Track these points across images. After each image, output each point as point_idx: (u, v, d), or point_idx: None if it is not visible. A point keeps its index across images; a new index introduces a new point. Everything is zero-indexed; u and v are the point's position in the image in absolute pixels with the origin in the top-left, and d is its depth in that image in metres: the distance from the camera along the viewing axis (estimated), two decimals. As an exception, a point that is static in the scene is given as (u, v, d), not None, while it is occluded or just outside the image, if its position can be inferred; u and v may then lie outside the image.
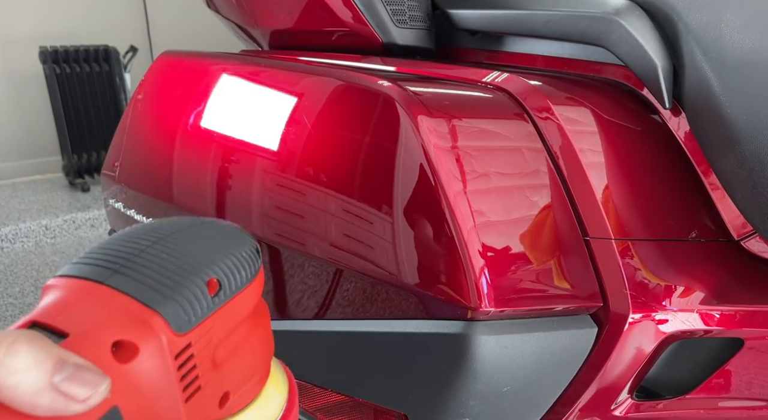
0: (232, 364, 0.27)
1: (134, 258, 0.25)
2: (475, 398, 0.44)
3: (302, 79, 0.56)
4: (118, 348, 0.23)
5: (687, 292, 0.47)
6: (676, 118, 0.54)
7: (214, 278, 0.26)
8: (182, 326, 0.24)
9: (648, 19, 0.53)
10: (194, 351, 0.24)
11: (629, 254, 0.46)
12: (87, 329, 0.22)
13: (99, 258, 0.25)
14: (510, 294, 0.43)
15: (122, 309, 0.23)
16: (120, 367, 0.22)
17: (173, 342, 0.23)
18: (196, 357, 0.25)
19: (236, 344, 0.27)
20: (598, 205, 0.46)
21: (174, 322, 0.23)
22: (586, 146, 0.48)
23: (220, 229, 0.29)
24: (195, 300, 0.24)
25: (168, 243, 0.26)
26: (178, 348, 0.24)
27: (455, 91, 0.52)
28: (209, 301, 0.25)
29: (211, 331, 0.25)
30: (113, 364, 0.22)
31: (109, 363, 0.22)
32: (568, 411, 0.48)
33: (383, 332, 0.47)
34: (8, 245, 2.24)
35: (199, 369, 0.25)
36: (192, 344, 0.24)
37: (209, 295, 0.25)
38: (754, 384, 0.50)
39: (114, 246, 0.26)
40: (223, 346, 0.26)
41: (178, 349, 0.24)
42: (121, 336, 0.23)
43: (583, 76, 0.59)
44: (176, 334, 0.23)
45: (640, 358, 0.46)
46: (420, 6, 0.68)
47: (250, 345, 0.28)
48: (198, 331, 0.24)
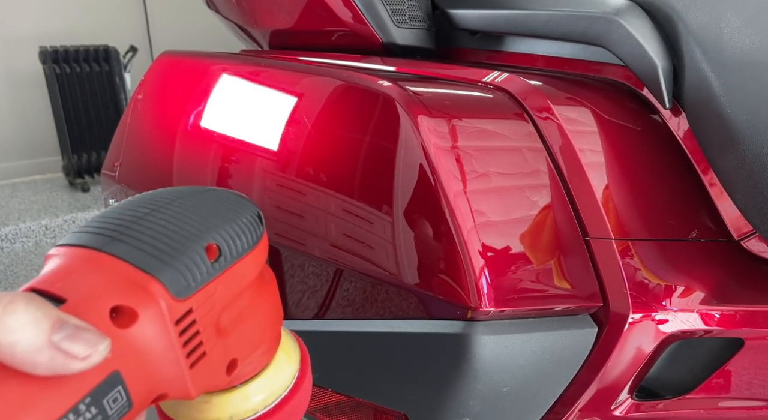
0: (238, 331, 0.27)
1: (133, 225, 0.25)
2: (475, 398, 0.44)
3: (302, 79, 0.56)
4: (117, 314, 0.23)
5: (687, 292, 0.47)
6: (676, 118, 0.54)
7: (214, 244, 0.25)
8: (181, 292, 0.24)
9: (648, 19, 0.53)
10: (196, 317, 0.24)
11: (629, 254, 0.46)
12: (85, 295, 0.22)
13: (98, 226, 0.25)
14: (510, 294, 0.43)
15: (121, 275, 0.23)
16: (119, 331, 0.22)
17: (173, 307, 0.23)
18: (199, 323, 0.24)
19: (241, 311, 0.27)
20: (598, 205, 0.46)
21: (173, 288, 0.23)
22: (586, 146, 0.48)
23: (221, 196, 0.29)
24: (194, 266, 0.24)
25: (167, 210, 0.26)
26: (178, 314, 0.23)
27: (455, 91, 0.52)
28: (209, 266, 0.25)
29: (213, 297, 0.25)
30: (112, 329, 0.22)
31: (108, 328, 0.22)
32: (568, 411, 0.48)
33: (383, 332, 0.47)
34: (8, 245, 2.24)
35: (202, 335, 0.25)
36: (193, 310, 0.24)
37: (209, 261, 0.25)
38: (754, 384, 0.50)
39: (113, 215, 0.26)
40: (228, 313, 0.26)
41: (178, 315, 0.23)
42: (120, 301, 0.23)
43: (583, 76, 0.59)
44: (176, 299, 0.23)
45: (640, 358, 0.46)
46: (420, 6, 0.67)
47: (256, 312, 0.28)
48: (199, 297, 0.24)
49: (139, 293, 0.23)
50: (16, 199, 2.59)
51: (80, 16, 2.87)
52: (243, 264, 0.27)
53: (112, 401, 0.22)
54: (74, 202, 2.56)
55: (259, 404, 0.29)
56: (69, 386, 0.20)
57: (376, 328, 0.47)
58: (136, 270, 0.23)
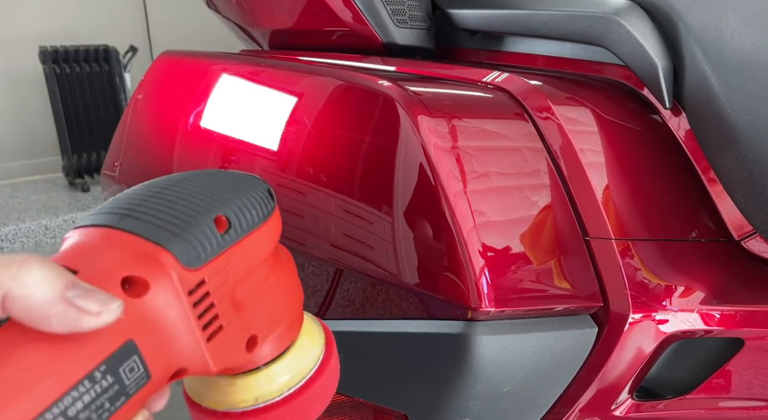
0: (255, 307, 0.27)
1: (144, 202, 0.25)
2: (476, 398, 0.44)
3: (302, 79, 0.55)
4: (129, 284, 0.23)
5: (687, 292, 0.47)
6: (677, 118, 0.54)
7: (223, 216, 0.26)
8: (192, 262, 0.24)
9: (648, 19, 0.53)
10: (209, 288, 0.25)
11: (629, 254, 0.46)
12: (97, 268, 0.23)
13: (112, 207, 0.26)
14: (510, 294, 0.43)
15: (132, 248, 0.24)
16: (132, 301, 0.23)
17: (184, 278, 0.24)
18: (213, 295, 0.25)
19: (258, 286, 0.28)
20: (598, 205, 0.46)
21: (183, 258, 0.24)
22: (587, 146, 0.48)
23: (231, 174, 0.29)
24: (204, 237, 0.25)
25: (177, 188, 0.27)
26: (191, 284, 0.24)
27: (455, 91, 0.52)
28: (219, 238, 0.25)
29: (225, 270, 0.26)
30: (125, 298, 0.22)
31: (121, 297, 0.22)
32: (569, 411, 0.48)
33: (383, 332, 0.47)
34: (8, 245, 2.24)
35: (218, 308, 0.25)
36: (206, 281, 0.25)
37: (218, 233, 0.25)
38: (754, 384, 0.50)
39: (126, 196, 0.27)
40: (243, 287, 0.27)
41: (191, 286, 0.24)
42: (132, 272, 0.23)
43: (583, 76, 0.59)
44: (187, 269, 0.24)
45: (640, 358, 0.46)
46: (420, 6, 0.67)
47: (274, 289, 0.28)
48: (210, 268, 0.25)
49: (151, 264, 0.23)
50: (16, 199, 2.59)
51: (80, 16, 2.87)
52: (255, 237, 0.27)
53: (129, 370, 0.22)
54: (74, 202, 2.56)
55: (284, 385, 0.29)
56: (84, 352, 0.21)
57: (376, 328, 0.47)
58: (146, 242, 0.24)
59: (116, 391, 0.22)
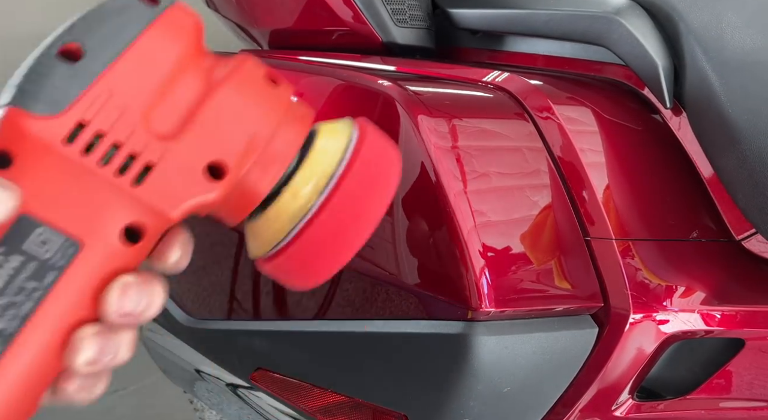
0: (201, 128, 0.23)
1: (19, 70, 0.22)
2: (476, 399, 0.44)
3: (302, 79, 0.55)
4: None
5: (688, 293, 0.47)
6: (677, 117, 0.54)
7: (69, 43, 0.21)
8: (46, 108, 0.20)
9: (649, 19, 0.53)
10: (99, 128, 0.21)
11: (630, 254, 0.46)
12: None
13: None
14: (510, 294, 0.43)
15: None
16: (2, 172, 0.20)
17: (48, 127, 0.20)
18: (111, 133, 0.21)
19: (191, 104, 0.23)
20: (598, 205, 0.46)
21: (34, 108, 0.20)
22: (587, 146, 0.48)
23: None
24: (48, 76, 0.21)
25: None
26: (63, 131, 0.20)
27: (455, 90, 0.52)
28: (74, 68, 0.21)
29: (113, 100, 0.21)
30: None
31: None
32: (569, 411, 0.48)
33: (383, 332, 0.47)
34: (7, 245, 2.24)
35: (131, 145, 0.21)
36: (89, 122, 0.21)
37: (69, 64, 0.21)
38: (755, 384, 0.49)
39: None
40: (164, 110, 0.22)
41: (63, 134, 0.20)
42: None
43: (583, 76, 0.59)
44: (44, 118, 0.20)
45: (641, 359, 0.46)
46: (420, 5, 0.67)
47: (226, 101, 0.23)
48: (84, 106, 0.21)
49: (3, 128, 0.20)
50: (16, 198, 2.59)
51: (79, 15, 2.87)
52: (139, 49, 0.22)
53: (41, 244, 0.20)
54: (73, 201, 2.55)
55: (311, 194, 0.24)
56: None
57: (376, 328, 0.47)
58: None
59: (36, 268, 0.20)
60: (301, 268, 0.26)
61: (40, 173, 0.20)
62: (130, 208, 0.21)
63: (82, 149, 0.21)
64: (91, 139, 0.21)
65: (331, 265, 0.26)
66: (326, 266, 0.26)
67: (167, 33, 0.23)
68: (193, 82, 0.23)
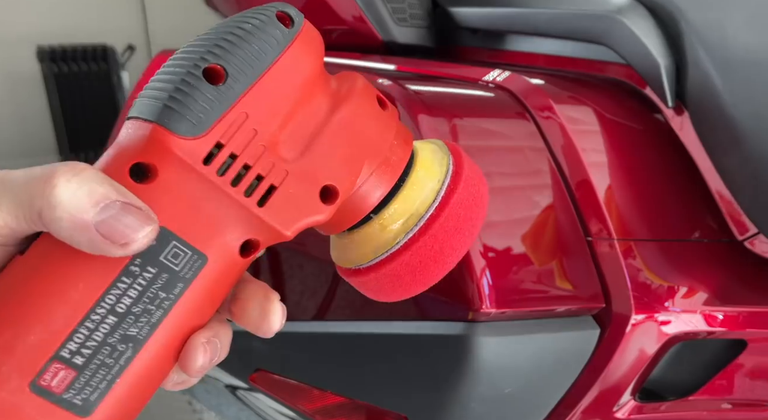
0: (320, 153, 0.24)
1: (150, 83, 0.23)
2: (477, 400, 0.44)
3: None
4: (138, 172, 0.22)
5: (690, 293, 0.47)
6: (679, 117, 0.53)
7: (213, 65, 0.22)
8: (190, 130, 0.21)
9: (651, 18, 0.53)
10: (234, 150, 0.22)
11: (632, 255, 0.46)
12: (103, 164, 0.22)
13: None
14: (511, 295, 0.42)
15: (134, 132, 0.22)
16: (145, 188, 0.21)
17: (189, 148, 0.21)
18: (243, 156, 0.22)
19: (313, 128, 0.24)
20: (600, 205, 0.46)
21: (179, 129, 0.21)
22: (589, 146, 0.48)
23: (237, 15, 0.25)
24: (194, 98, 0.21)
25: (180, 52, 0.23)
26: (201, 153, 0.21)
27: (456, 89, 0.51)
28: (218, 91, 0.22)
29: (247, 124, 0.22)
30: (135, 187, 0.21)
31: (132, 186, 0.21)
32: (570, 413, 0.48)
33: (383, 333, 0.46)
34: (6, 245, 2.23)
35: (259, 167, 0.22)
36: (225, 144, 0.22)
37: (213, 86, 0.22)
38: (757, 385, 0.49)
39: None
40: (288, 135, 0.23)
41: (202, 154, 0.22)
42: (136, 159, 0.21)
43: (585, 75, 0.58)
44: (187, 139, 0.21)
45: (642, 360, 0.46)
46: (420, 4, 0.67)
47: (341, 126, 0.24)
48: (222, 129, 0.22)
49: (150, 144, 0.21)
50: (14, 198, 2.58)
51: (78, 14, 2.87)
52: (276, 73, 0.23)
53: (173, 257, 0.21)
54: (72, 201, 2.55)
55: (399, 231, 0.25)
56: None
57: (376, 329, 0.47)
58: (143, 122, 0.22)
59: (167, 279, 0.21)
60: (377, 290, 0.27)
61: (179, 190, 0.22)
62: (251, 227, 0.23)
63: (217, 169, 0.22)
64: (225, 160, 0.22)
65: (406, 292, 0.27)
66: (401, 293, 0.27)
67: (301, 56, 0.24)
68: (319, 105, 0.24)
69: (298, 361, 0.55)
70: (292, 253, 0.52)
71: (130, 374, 0.21)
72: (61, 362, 0.20)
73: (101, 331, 0.20)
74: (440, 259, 0.26)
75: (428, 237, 0.25)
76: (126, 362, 0.21)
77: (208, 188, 0.22)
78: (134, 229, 0.20)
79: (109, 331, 0.20)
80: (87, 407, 0.20)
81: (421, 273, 0.26)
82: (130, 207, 0.20)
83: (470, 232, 0.27)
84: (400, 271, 0.26)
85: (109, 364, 0.21)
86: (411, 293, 0.27)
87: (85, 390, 0.20)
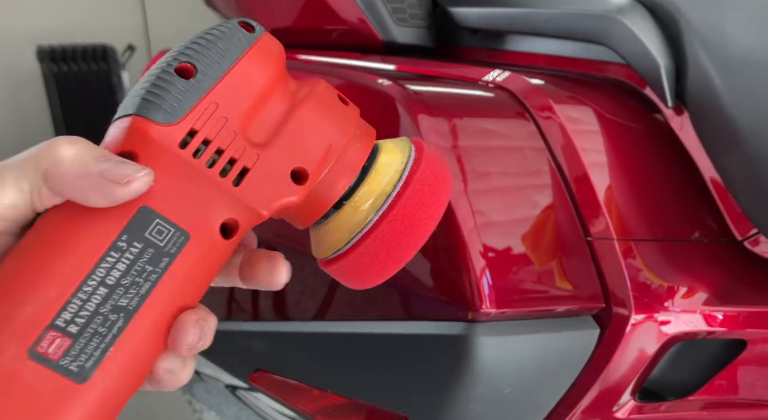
0: (288, 139, 0.27)
1: (131, 90, 0.27)
2: (477, 400, 0.44)
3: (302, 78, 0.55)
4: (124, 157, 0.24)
5: (690, 293, 0.47)
6: (679, 117, 0.53)
7: (184, 63, 0.25)
8: (167, 117, 0.24)
9: (651, 18, 0.53)
10: (208, 135, 0.25)
11: (632, 255, 0.46)
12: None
13: None
14: (511, 295, 0.42)
15: (120, 127, 0.25)
16: None
17: (166, 133, 0.24)
18: (216, 140, 0.25)
19: (280, 119, 0.27)
20: (600, 205, 0.46)
21: (156, 116, 0.24)
22: (588, 146, 0.48)
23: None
24: (168, 90, 0.24)
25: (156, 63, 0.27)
26: (177, 137, 0.24)
27: (456, 89, 0.51)
28: (187, 85, 0.25)
29: (218, 112, 0.25)
30: None
31: None
32: (570, 413, 0.48)
33: (383, 334, 0.46)
34: (6, 244, 2.23)
35: (231, 151, 0.25)
36: (198, 130, 0.25)
37: (184, 80, 0.25)
38: (757, 385, 0.49)
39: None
40: (259, 123, 0.27)
41: (178, 139, 0.24)
42: (121, 148, 0.24)
43: (585, 75, 0.58)
44: (164, 125, 0.24)
45: (642, 360, 0.46)
46: (420, 4, 0.67)
47: (306, 117, 0.27)
48: (195, 116, 0.25)
49: (132, 133, 0.24)
50: (14, 198, 2.58)
51: (78, 14, 2.87)
52: (240, 70, 0.26)
53: (157, 233, 0.24)
54: (72, 201, 2.55)
55: (369, 210, 0.28)
56: (99, 228, 0.23)
57: (376, 329, 0.47)
58: (127, 117, 0.25)
59: (153, 253, 0.23)
60: (356, 273, 0.29)
61: (159, 172, 0.24)
62: (229, 205, 0.25)
63: (193, 153, 0.25)
64: (199, 145, 0.25)
65: (384, 271, 0.29)
66: (379, 272, 0.29)
67: (261, 57, 0.27)
68: (281, 99, 0.28)
69: (298, 361, 0.55)
70: (292, 253, 0.52)
71: (122, 343, 0.22)
72: (56, 330, 0.21)
73: (93, 302, 0.22)
74: (411, 232, 0.28)
75: (397, 210, 0.27)
76: (118, 331, 0.22)
77: (186, 170, 0.24)
78: (134, 171, 0.23)
79: (101, 302, 0.22)
80: (83, 373, 0.21)
81: (395, 248, 0.28)
82: (125, 160, 0.23)
83: (436, 207, 0.29)
84: (375, 248, 0.28)
85: (102, 332, 0.22)
86: (388, 273, 0.29)
87: (80, 357, 0.21)
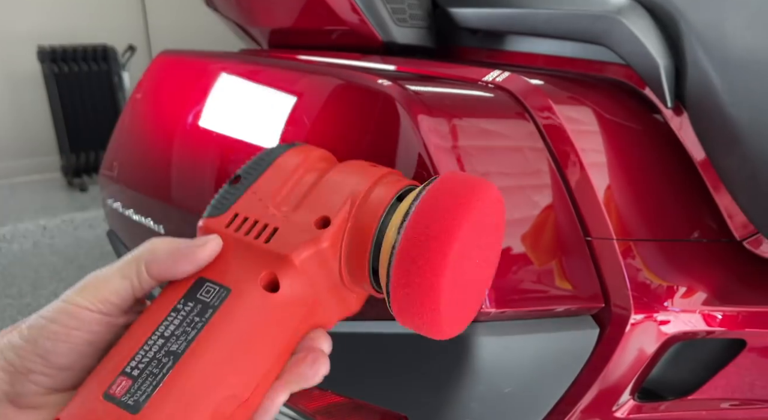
0: (313, 199, 0.34)
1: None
2: (476, 399, 0.44)
3: (302, 78, 0.55)
4: None
5: (689, 293, 0.47)
6: (679, 117, 0.53)
7: (236, 175, 0.36)
8: (213, 212, 0.34)
9: (650, 18, 0.53)
10: (246, 215, 0.33)
11: (631, 254, 0.46)
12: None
13: None
14: (511, 295, 0.42)
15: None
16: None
17: (217, 221, 0.33)
18: (253, 215, 0.33)
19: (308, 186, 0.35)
20: (599, 205, 0.46)
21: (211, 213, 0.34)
22: (588, 146, 0.48)
23: None
24: (221, 194, 0.35)
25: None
26: (222, 222, 0.33)
27: (456, 90, 0.51)
28: (234, 187, 0.35)
29: (255, 197, 0.34)
30: None
31: None
32: (570, 412, 0.48)
33: (383, 333, 0.46)
34: (6, 246, 2.24)
35: (264, 220, 0.33)
36: (239, 213, 0.34)
37: (231, 186, 0.35)
38: (756, 385, 0.49)
39: None
40: (290, 195, 0.35)
41: (225, 222, 0.33)
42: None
43: (584, 76, 0.59)
44: (213, 218, 0.34)
45: (642, 359, 0.46)
46: (420, 4, 0.67)
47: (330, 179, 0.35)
48: (239, 205, 0.34)
49: (199, 231, 0.34)
50: (14, 198, 2.59)
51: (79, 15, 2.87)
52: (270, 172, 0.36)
53: (206, 293, 0.30)
54: (72, 202, 2.55)
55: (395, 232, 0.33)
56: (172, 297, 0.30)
57: (376, 329, 0.47)
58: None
59: (201, 308, 0.29)
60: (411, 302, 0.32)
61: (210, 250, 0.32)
62: (264, 259, 0.31)
63: (236, 227, 0.33)
64: (241, 221, 0.33)
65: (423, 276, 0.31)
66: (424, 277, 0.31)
67: (290, 159, 0.37)
68: (311, 175, 0.36)
69: (299, 361, 0.55)
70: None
71: (170, 381, 0.27)
72: (124, 376, 0.27)
73: (153, 350, 0.28)
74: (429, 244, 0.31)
75: (411, 222, 0.31)
76: (167, 370, 0.27)
77: (230, 242, 0.32)
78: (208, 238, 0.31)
79: (158, 350, 0.28)
80: (137, 406, 0.26)
81: (424, 248, 0.31)
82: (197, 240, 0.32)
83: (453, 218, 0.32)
84: (410, 252, 0.31)
85: (155, 373, 0.27)
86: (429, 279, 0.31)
87: (137, 393, 0.26)
